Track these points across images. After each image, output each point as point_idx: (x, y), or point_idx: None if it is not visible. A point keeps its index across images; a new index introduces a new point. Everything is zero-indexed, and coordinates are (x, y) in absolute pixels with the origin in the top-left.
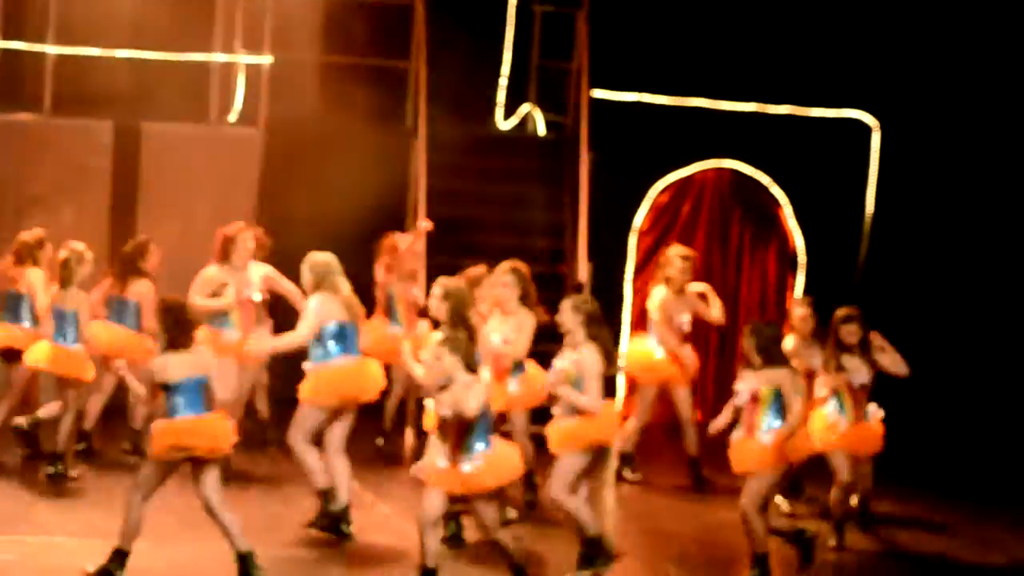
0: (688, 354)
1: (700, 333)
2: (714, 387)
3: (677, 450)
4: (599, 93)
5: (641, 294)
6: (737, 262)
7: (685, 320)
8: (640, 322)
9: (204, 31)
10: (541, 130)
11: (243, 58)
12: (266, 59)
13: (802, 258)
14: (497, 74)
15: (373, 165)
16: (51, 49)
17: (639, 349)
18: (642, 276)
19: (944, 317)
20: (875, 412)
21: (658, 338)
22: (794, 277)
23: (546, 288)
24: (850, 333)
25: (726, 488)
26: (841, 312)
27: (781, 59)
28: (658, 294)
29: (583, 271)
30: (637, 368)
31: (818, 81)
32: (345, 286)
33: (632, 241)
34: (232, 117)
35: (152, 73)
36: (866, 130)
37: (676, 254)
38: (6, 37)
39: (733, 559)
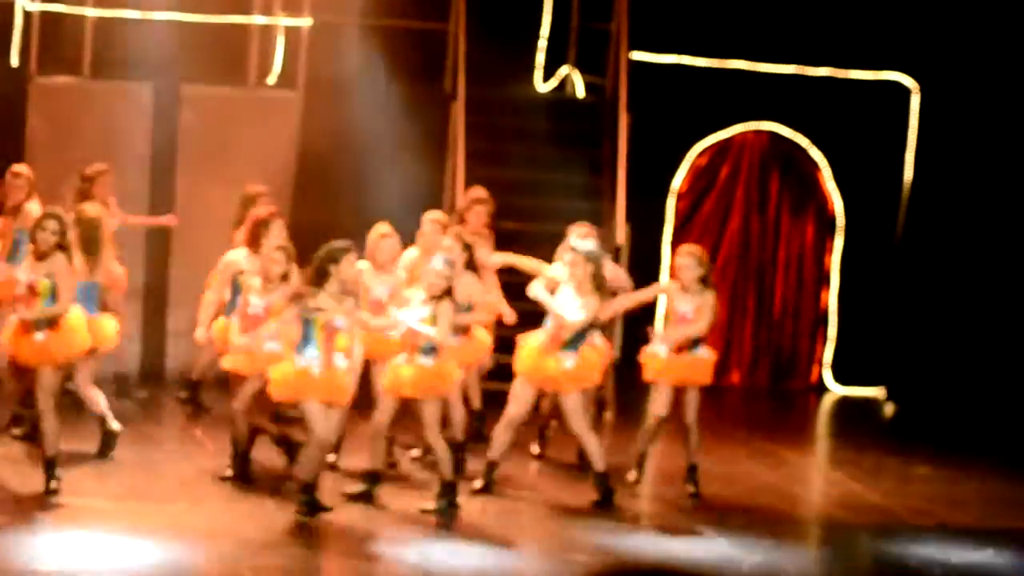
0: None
1: (739, 293)
2: (751, 347)
3: (714, 418)
4: (638, 55)
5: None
6: (776, 225)
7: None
8: None
9: None
10: (580, 92)
11: (282, 20)
12: (305, 21)
13: (841, 221)
14: (536, 36)
15: (412, 127)
16: (91, 12)
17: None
18: (680, 239)
19: (983, 278)
20: None
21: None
22: (832, 240)
23: None
24: None
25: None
26: None
27: (820, 21)
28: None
29: (621, 234)
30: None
31: (858, 43)
32: None
33: (671, 204)
34: (271, 80)
35: (191, 35)
36: (905, 92)
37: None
38: (46, 0)
39: (771, 521)
